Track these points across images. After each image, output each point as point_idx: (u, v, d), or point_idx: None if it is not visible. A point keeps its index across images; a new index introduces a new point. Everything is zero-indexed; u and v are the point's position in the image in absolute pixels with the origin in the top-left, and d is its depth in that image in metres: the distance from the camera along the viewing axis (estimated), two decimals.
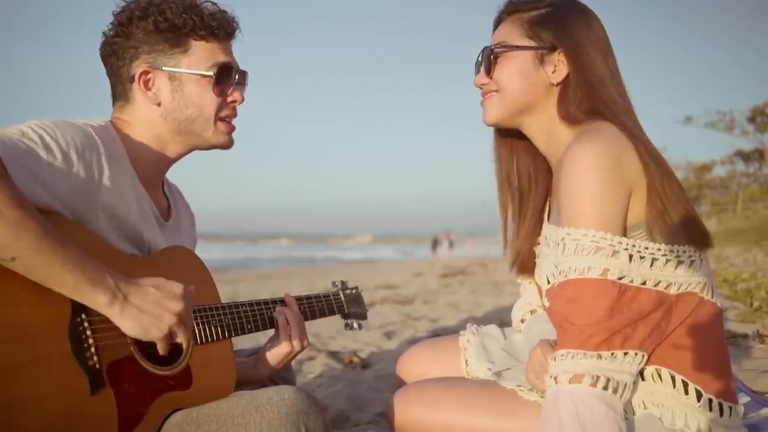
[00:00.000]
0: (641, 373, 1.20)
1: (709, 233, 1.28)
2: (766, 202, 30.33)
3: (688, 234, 1.23)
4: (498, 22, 1.41)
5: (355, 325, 1.82)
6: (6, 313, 1.04)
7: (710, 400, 1.21)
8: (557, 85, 1.33)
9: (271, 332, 1.56)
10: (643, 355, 1.16)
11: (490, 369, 1.54)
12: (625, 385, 1.14)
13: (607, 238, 1.15)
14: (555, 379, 1.14)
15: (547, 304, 1.29)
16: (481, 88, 1.40)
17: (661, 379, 1.20)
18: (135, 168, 1.34)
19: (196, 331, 1.34)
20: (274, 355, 1.52)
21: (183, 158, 1.47)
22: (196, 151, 1.46)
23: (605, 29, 1.36)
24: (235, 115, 1.45)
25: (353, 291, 1.85)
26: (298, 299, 1.64)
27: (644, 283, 1.18)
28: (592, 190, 1.16)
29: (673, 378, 1.20)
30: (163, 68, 1.35)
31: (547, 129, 1.36)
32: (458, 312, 5.69)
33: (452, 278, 11.72)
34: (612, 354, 1.12)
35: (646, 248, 1.18)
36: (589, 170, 1.16)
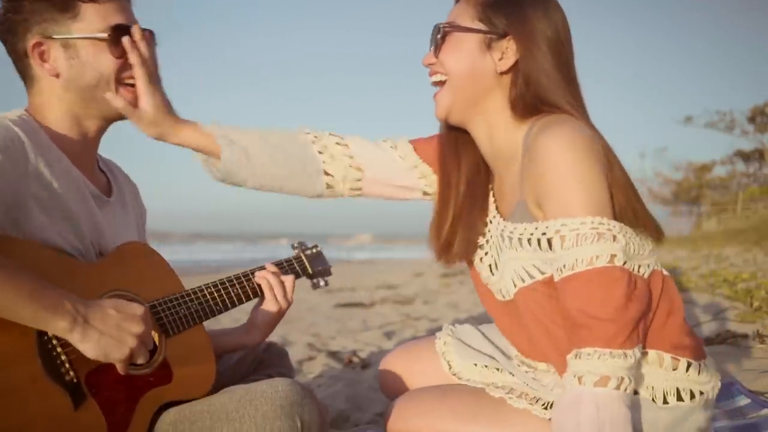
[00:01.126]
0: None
1: (661, 227, 1.27)
2: (766, 202, 30.31)
3: (648, 223, 1.23)
4: (456, 1, 1.36)
5: (322, 282, 1.81)
6: None
7: (690, 364, 1.23)
8: (504, 74, 1.28)
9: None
10: (642, 346, 1.17)
11: (476, 364, 1.54)
12: (632, 381, 1.13)
13: (605, 224, 1.13)
14: (579, 379, 1.11)
15: (501, 302, 1.30)
16: (429, 68, 1.36)
17: (648, 361, 1.21)
18: (62, 150, 1.31)
19: (167, 323, 1.34)
20: (264, 317, 1.55)
21: (105, 133, 1.43)
22: (117, 123, 1.41)
23: (568, 24, 1.29)
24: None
25: (314, 249, 1.83)
26: (260, 269, 1.62)
27: (639, 268, 1.20)
28: (579, 176, 1.13)
29: (660, 357, 1.21)
30: (55, 36, 1.29)
31: (492, 125, 1.31)
32: (458, 312, 5.69)
33: (452, 278, 11.70)
34: (633, 351, 1.11)
35: (631, 232, 1.19)
36: (571, 157, 1.13)
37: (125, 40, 1.32)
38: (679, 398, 1.21)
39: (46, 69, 1.31)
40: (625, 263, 1.13)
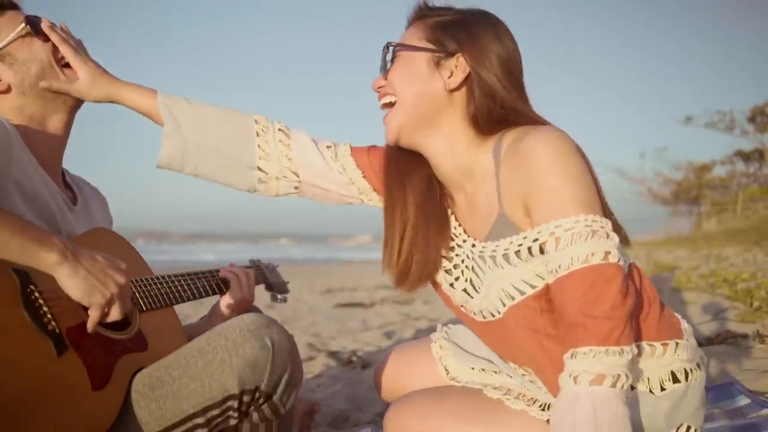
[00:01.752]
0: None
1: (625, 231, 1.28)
2: (766, 202, 30.32)
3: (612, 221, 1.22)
4: (408, 26, 1.35)
5: (280, 297, 1.89)
6: None
7: (678, 344, 1.24)
8: (455, 91, 1.26)
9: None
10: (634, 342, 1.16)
11: (473, 368, 1.54)
12: (629, 378, 1.12)
13: (597, 221, 1.12)
14: (574, 379, 1.10)
15: (482, 322, 1.30)
16: (377, 91, 1.34)
17: (640, 353, 1.21)
18: (33, 155, 1.35)
19: (140, 299, 1.38)
20: (227, 305, 1.64)
21: (72, 131, 1.47)
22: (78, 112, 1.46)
23: (519, 51, 1.29)
24: None
25: (270, 264, 1.95)
26: (224, 269, 1.70)
27: (625, 263, 1.19)
28: (568, 175, 1.13)
29: (651, 348, 1.22)
30: None
31: (454, 144, 1.29)
32: None
33: None
34: (630, 348, 1.11)
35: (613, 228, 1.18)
36: (560, 156, 1.13)
37: (43, 26, 1.39)
38: (675, 380, 1.21)
39: None
40: (619, 260, 1.12)
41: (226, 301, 1.65)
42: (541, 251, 1.17)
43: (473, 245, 1.31)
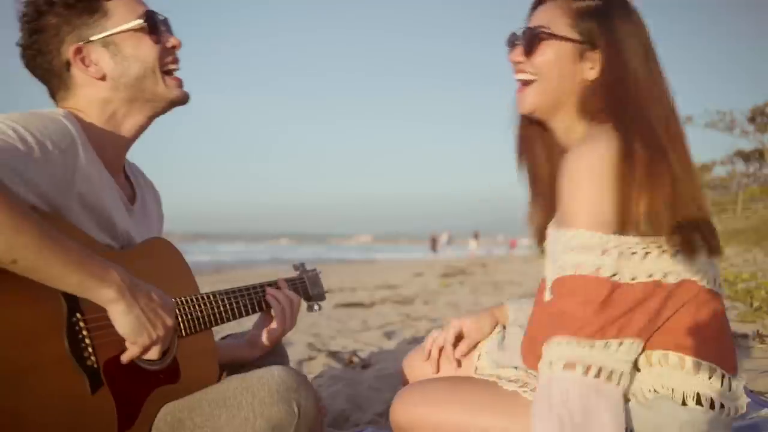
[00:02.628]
0: (649, 359, 1.22)
1: (719, 243, 1.28)
2: (766, 202, 30.29)
3: (702, 236, 1.24)
4: (539, 1, 1.38)
5: (316, 306, 1.85)
6: (7, 316, 1.03)
7: (719, 374, 1.23)
8: (590, 81, 1.32)
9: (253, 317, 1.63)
10: (640, 343, 1.19)
11: (495, 362, 1.55)
12: (621, 373, 1.17)
13: (596, 237, 1.18)
14: (549, 365, 1.17)
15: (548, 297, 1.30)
16: (515, 65, 1.39)
17: (668, 362, 1.21)
18: (98, 155, 1.30)
19: (181, 323, 1.35)
20: (269, 335, 1.59)
21: (142, 137, 1.43)
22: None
23: (650, 35, 1.33)
24: (177, 63, 1.40)
25: (312, 272, 1.88)
26: (269, 285, 1.65)
27: (634, 278, 1.20)
28: (584, 192, 1.19)
29: (682, 360, 1.22)
30: (93, 39, 1.30)
31: (569, 124, 1.36)
32: (458, 312, 5.69)
33: (452, 278, 11.71)
34: (606, 343, 1.16)
35: (638, 244, 1.20)
36: (583, 172, 1.20)
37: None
38: (698, 402, 1.21)
39: (91, 72, 1.30)
40: (614, 275, 1.17)
41: (266, 333, 1.59)
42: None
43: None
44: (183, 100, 1.40)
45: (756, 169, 39.14)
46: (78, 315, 1.13)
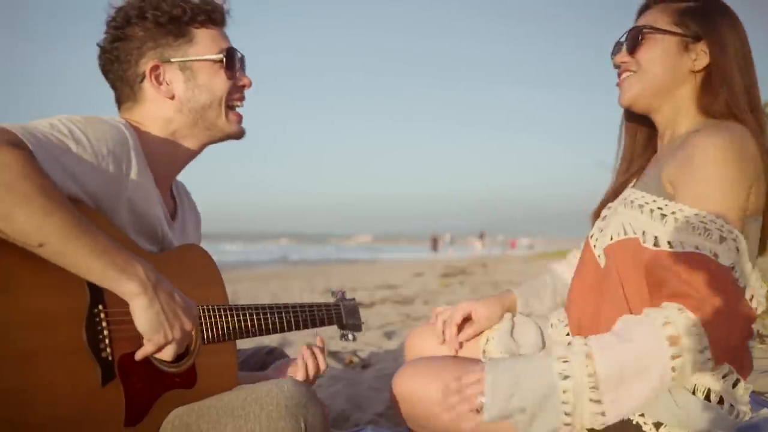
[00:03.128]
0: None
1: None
2: None
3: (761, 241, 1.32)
4: (644, 9, 1.46)
5: (350, 336, 1.85)
6: (28, 297, 1.04)
7: (734, 376, 1.28)
8: (696, 72, 1.37)
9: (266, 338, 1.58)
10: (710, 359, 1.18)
11: (502, 353, 1.55)
12: (688, 370, 1.16)
13: (717, 223, 1.20)
14: (654, 320, 1.16)
15: (599, 255, 1.38)
16: (619, 66, 1.44)
17: (723, 378, 1.25)
18: (150, 169, 1.33)
19: (205, 331, 1.35)
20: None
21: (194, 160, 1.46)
22: (210, 145, 1.46)
23: (748, 39, 1.39)
24: (243, 100, 1.46)
25: (351, 302, 1.88)
26: (301, 306, 1.65)
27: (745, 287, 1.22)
28: (721, 176, 1.22)
29: (736, 382, 1.27)
30: (172, 60, 1.35)
31: (680, 109, 1.40)
32: None
33: (452, 278, 11.72)
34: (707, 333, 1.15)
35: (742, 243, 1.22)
36: (722, 157, 1.22)
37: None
38: (707, 399, 1.23)
39: (162, 91, 1.35)
40: (731, 266, 1.18)
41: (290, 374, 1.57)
42: (661, 219, 1.26)
43: (628, 191, 1.43)
44: (239, 135, 1.47)
45: None
46: (100, 307, 1.13)
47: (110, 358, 1.14)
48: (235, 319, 1.43)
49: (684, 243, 1.20)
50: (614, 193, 1.51)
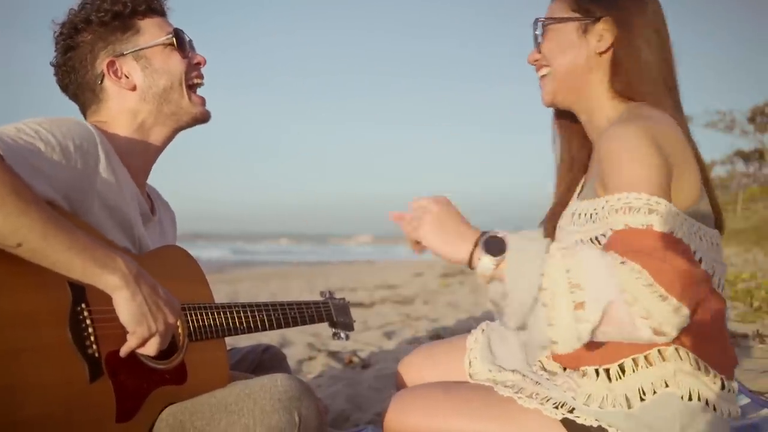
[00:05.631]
0: (661, 353, 1.19)
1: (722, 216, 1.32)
2: (766, 202, 30.28)
3: (716, 219, 1.29)
4: (551, 2, 1.42)
5: (342, 335, 1.85)
6: (9, 298, 1.04)
7: (718, 378, 1.21)
8: (602, 54, 1.33)
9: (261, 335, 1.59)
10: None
11: (491, 370, 1.51)
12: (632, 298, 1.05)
13: (660, 203, 1.13)
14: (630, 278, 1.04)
15: None
16: (534, 64, 1.42)
17: (680, 357, 1.19)
18: (124, 162, 1.36)
19: (191, 328, 1.36)
20: None
21: (166, 149, 1.49)
22: (180, 133, 1.48)
23: (662, 11, 1.34)
24: (202, 78, 1.49)
25: (341, 301, 1.88)
26: (289, 304, 1.66)
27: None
28: (637, 157, 1.16)
29: (695, 360, 1.19)
30: (126, 53, 1.39)
31: (594, 101, 1.37)
32: (458, 312, 5.69)
33: (452, 278, 11.71)
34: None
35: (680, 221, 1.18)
36: (634, 141, 1.16)
37: None
38: (705, 403, 1.19)
39: (123, 84, 1.39)
40: (669, 231, 1.14)
41: None
42: (598, 219, 1.23)
43: (572, 202, 1.40)
44: (204, 117, 1.49)
45: (756, 169, 39.17)
46: (83, 305, 1.14)
47: (96, 355, 1.14)
48: (222, 316, 1.44)
49: (614, 227, 1.14)
50: (561, 204, 1.47)
